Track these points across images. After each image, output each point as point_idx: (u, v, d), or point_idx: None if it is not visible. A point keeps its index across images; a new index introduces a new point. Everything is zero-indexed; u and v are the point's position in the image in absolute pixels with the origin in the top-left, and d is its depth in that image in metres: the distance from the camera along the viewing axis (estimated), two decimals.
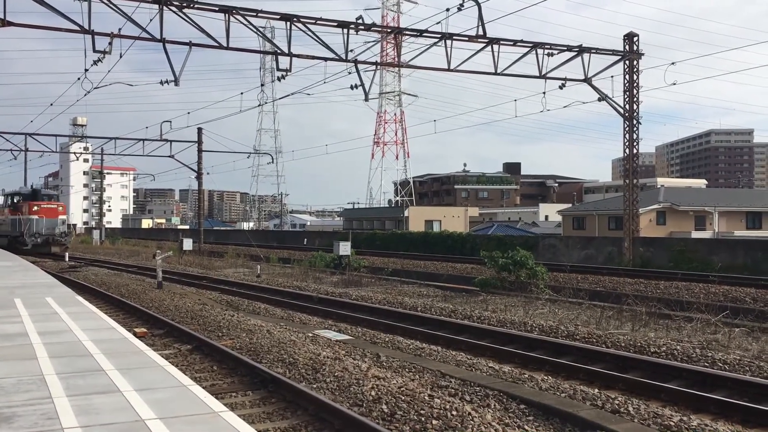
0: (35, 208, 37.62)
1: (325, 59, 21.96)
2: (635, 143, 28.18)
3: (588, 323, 14.17)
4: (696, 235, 42.75)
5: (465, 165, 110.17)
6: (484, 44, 22.70)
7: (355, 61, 22.55)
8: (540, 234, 44.08)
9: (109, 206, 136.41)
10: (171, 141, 42.32)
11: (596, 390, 8.33)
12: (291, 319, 14.61)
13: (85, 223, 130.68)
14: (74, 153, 66.36)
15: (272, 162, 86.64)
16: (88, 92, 23.64)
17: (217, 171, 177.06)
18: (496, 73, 23.84)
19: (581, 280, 21.91)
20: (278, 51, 21.68)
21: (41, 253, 36.07)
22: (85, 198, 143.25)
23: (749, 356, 10.50)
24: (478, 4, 21.15)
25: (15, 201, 39.66)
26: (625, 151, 28.58)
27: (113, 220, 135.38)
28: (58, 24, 18.64)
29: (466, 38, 22.44)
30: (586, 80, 26.34)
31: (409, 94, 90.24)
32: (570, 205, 68.40)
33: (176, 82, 20.78)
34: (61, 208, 39.74)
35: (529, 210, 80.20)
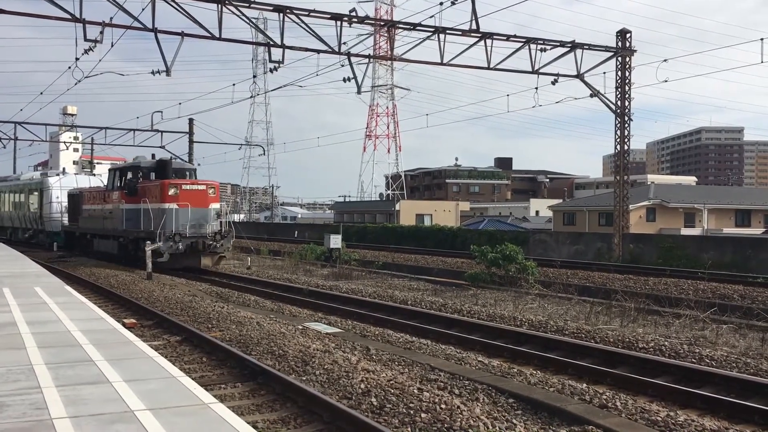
0: (172, 190, 22.67)
1: (318, 51, 21.91)
2: (626, 140, 28.27)
3: (577, 318, 14.23)
4: (685, 231, 43.01)
5: (456, 159, 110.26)
6: (478, 39, 22.70)
7: (348, 54, 22.51)
8: (530, 229, 44.23)
9: None
10: (162, 131, 41.99)
11: (584, 385, 8.38)
12: (281, 311, 14.60)
13: None
14: (64, 142, 65.91)
15: (263, 154, 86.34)
16: (79, 81, 23.49)
17: (208, 162, 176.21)
18: (488, 68, 23.84)
19: (571, 275, 21.98)
20: (271, 42, 21.60)
21: (187, 269, 22.47)
22: None
23: (736, 353, 10.58)
24: None
25: (131, 179, 24.80)
26: (616, 148, 28.66)
27: None
28: (48, 12, 18.48)
29: (460, 32, 22.42)
30: (579, 76, 26.39)
31: (402, 88, 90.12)
32: (561, 200, 68.60)
33: (168, 72, 20.69)
34: (212, 190, 23.92)
35: (520, 205, 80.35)
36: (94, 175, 39.17)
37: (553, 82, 25.81)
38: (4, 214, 43.31)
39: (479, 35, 22.53)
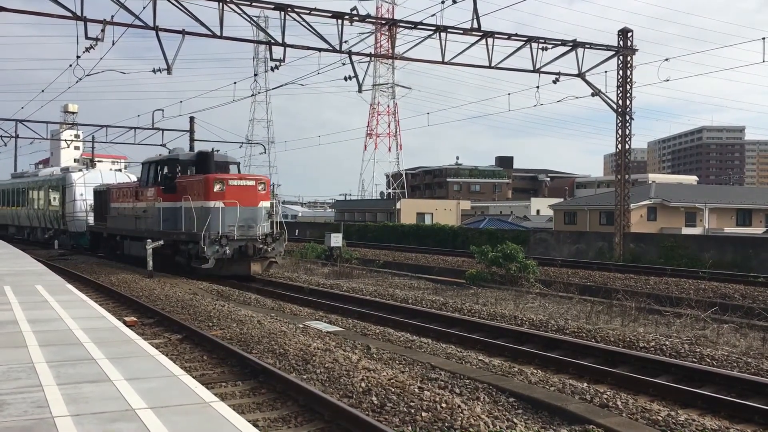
0: (217, 186, 19.93)
1: (319, 50, 21.90)
2: (627, 139, 28.25)
3: (578, 318, 14.23)
4: (686, 231, 42.99)
5: (457, 158, 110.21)
6: (479, 37, 22.68)
7: (349, 53, 22.52)
8: (531, 228, 44.19)
9: None
10: (163, 130, 41.82)
11: (585, 384, 8.38)
12: (281, 309, 14.61)
13: None
14: (65, 140, 65.86)
15: (264, 152, 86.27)
16: (80, 79, 23.49)
17: None
18: (490, 67, 23.83)
19: (572, 274, 21.98)
20: (272, 41, 21.59)
21: (236, 277, 20.07)
22: None
23: (737, 352, 10.58)
24: None
25: (168, 174, 22.32)
26: (617, 147, 28.65)
27: None
28: (50, 10, 18.50)
29: (461, 31, 22.40)
30: (580, 75, 26.36)
31: (403, 86, 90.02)
32: (562, 199, 68.57)
33: (169, 70, 20.68)
34: (262, 186, 21.17)
35: (520, 204, 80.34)
36: (121, 170, 35.64)
37: (555, 81, 25.80)
38: (22, 213, 39.80)
39: (480, 34, 22.51)
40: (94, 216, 29.43)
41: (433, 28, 22.19)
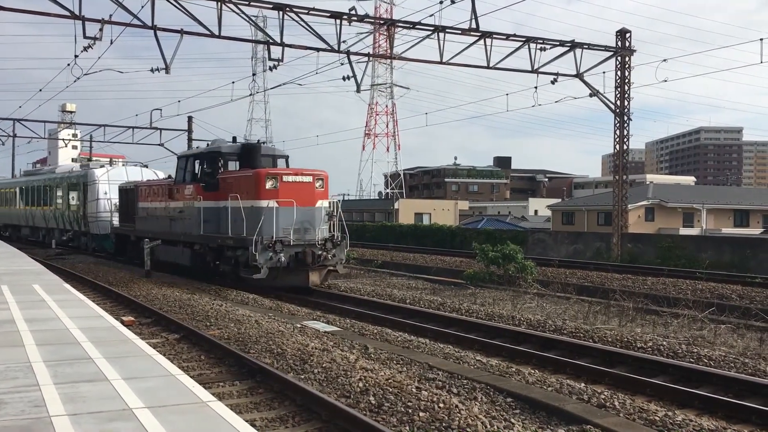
0: (270, 183, 17.19)
1: (318, 50, 21.88)
2: (625, 139, 28.28)
3: (575, 318, 14.24)
4: (684, 231, 43.02)
5: (455, 158, 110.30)
6: (477, 37, 22.69)
7: (348, 52, 22.52)
8: (529, 228, 44.20)
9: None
10: (161, 129, 41.97)
11: (583, 384, 8.38)
12: (279, 309, 14.60)
13: None
14: (63, 140, 65.81)
15: None
16: (78, 78, 23.53)
17: None
18: (488, 67, 23.84)
19: (569, 274, 21.98)
20: (270, 40, 21.58)
21: (292, 289, 17.44)
22: None
23: (734, 353, 10.60)
24: None
25: (208, 169, 19.64)
26: (615, 147, 28.66)
27: None
28: (48, 9, 18.49)
29: (459, 31, 22.41)
30: (578, 75, 26.38)
31: (401, 86, 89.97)
32: (560, 200, 68.64)
33: (167, 70, 20.65)
34: (320, 182, 18.01)
35: (518, 204, 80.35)
36: (146, 166, 33.36)
37: (553, 82, 25.81)
38: (37, 214, 36.79)
39: (479, 34, 22.52)
40: (119, 217, 26.73)
41: (432, 28, 22.20)
